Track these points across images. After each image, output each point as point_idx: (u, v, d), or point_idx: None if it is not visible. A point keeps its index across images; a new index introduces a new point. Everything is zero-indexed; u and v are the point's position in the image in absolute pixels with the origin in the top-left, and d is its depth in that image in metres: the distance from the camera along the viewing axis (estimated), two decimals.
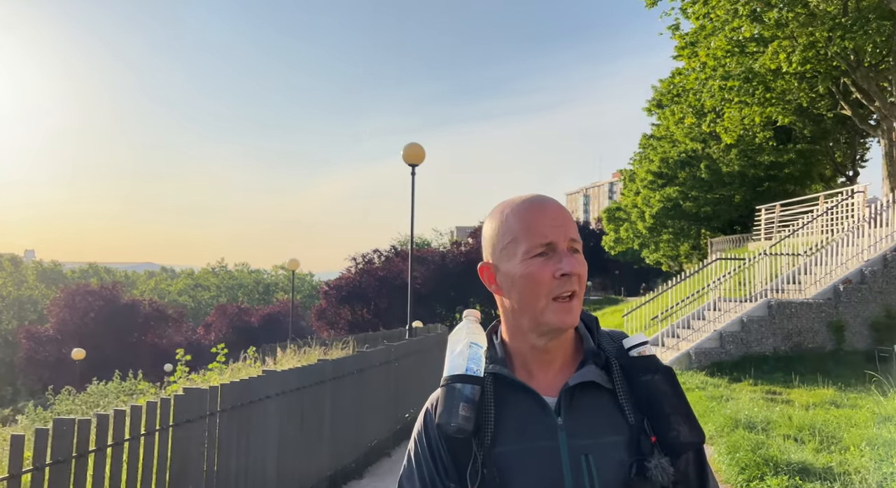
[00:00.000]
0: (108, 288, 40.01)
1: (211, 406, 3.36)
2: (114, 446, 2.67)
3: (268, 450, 3.91)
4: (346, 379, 5.20)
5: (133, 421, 2.79)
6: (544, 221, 1.07)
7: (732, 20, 17.17)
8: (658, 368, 1.08)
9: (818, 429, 5.86)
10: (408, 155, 10.60)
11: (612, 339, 1.14)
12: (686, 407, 1.06)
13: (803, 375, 9.44)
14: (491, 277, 1.12)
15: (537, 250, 1.05)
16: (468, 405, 1.04)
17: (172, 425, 3.02)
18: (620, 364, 1.09)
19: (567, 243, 1.06)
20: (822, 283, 11.43)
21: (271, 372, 4.06)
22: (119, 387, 15.95)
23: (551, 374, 1.09)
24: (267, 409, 3.92)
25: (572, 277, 1.04)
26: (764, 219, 20.37)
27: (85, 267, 79.04)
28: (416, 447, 1.12)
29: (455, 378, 1.06)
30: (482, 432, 1.05)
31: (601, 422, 1.05)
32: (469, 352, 1.08)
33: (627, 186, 35.81)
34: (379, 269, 39.44)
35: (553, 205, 1.10)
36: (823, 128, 25.85)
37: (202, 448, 3.25)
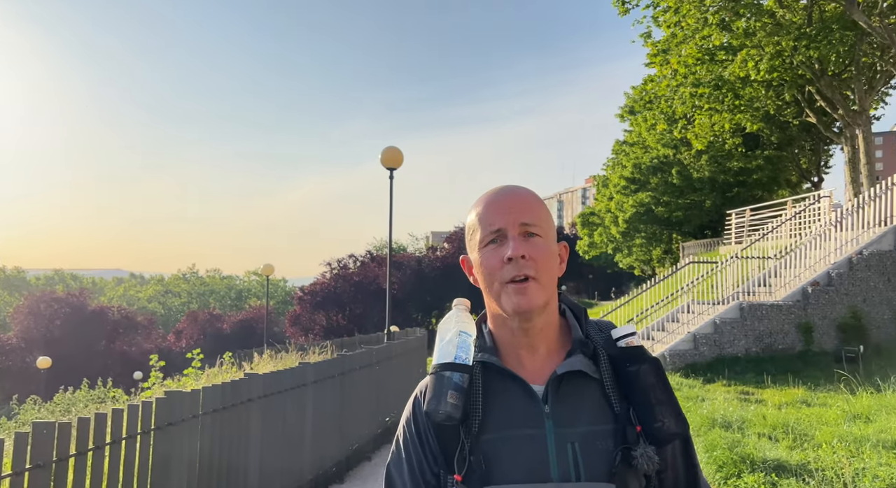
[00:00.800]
0: (75, 295, 39.03)
1: (193, 409, 3.30)
2: (95, 450, 2.61)
3: (250, 454, 3.86)
4: (327, 383, 5.15)
5: (115, 424, 2.72)
6: (495, 209, 1.09)
7: (702, 29, 17.57)
8: (645, 359, 1.08)
9: (791, 427, 6.00)
10: (386, 158, 10.58)
11: (601, 329, 1.15)
12: (671, 398, 1.07)
13: (774, 375, 9.67)
14: (470, 269, 1.15)
15: (489, 238, 1.08)
16: (456, 393, 1.04)
17: (154, 428, 2.96)
18: (608, 354, 1.10)
19: (518, 228, 1.07)
20: (790, 286, 11.71)
21: (254, 374, 4.01)
22: (88, 395, 15.55)
23: (539, 362, 1.10)
24: (249, 412, 3.87)
25: (520, 261, 1.04)
26: (734, 224, 20.81)
27: (50, 273, 77.00)
28: (404, 433, 1.12)
29: (444, 366, 1.07)
30: (470, 419, 1.06)
31: (588, 411, 1.06)
32: (458, 340, 1.09)
33: (601, 192, 36.26)
34: (354, 274, 39.21)
35: (509, 193, 1.11)
36: (789, 135, 26.58)
37: (184, 451, 3.19)
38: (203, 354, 9.11)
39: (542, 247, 1.07)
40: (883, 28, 15.42)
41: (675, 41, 18.84)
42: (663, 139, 29.29)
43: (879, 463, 4.73)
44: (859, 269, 11.37)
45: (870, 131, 18.31)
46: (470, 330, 1.12)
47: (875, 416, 6.25)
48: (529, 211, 1.09)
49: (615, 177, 32.82)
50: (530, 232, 1.07)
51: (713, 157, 27.84)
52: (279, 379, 4.29)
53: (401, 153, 10.69)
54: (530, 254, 1.05)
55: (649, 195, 30.16)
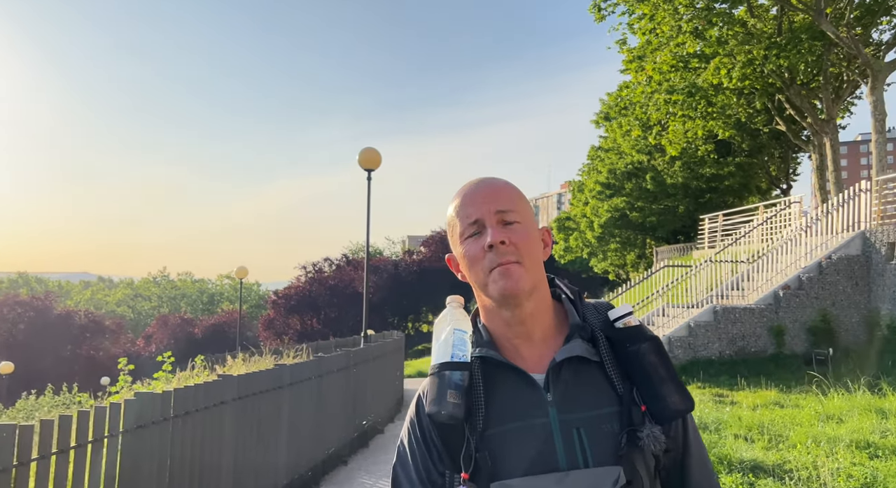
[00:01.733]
0: (40, 298, 37.96)
1: (164, 411, 3.18)
2: (59, 453, 2.48)
3: (224, 457, 3.73)
4: (304, 385, 5.04)
5: (80, 427, 2.60)
6: (470, 201, 1.08)
7: (677, 36, 17.85)
8: (645, 337, 1.07)
9: (766, 428, 6.06)
10: (364, 160, 10.48)
11: (598, 311, 1.13)
12: (674, 375, 1.06)
13: (747, 377, 9.80)
14: (456, 266, 1.13)
15: (469, 230, 1.08)
16: (456, 392, 1.03)
17: (123, 431, 2.83)
18: (606, 335, 1.09)
19: (494, 217, 1.06)
20: (763, 289, 11.90)
21: (228, 376, 3.89)
22: (52, 401, 15.08)
23: (536, 350, 1.08)
24: (223, 415, 3.74)
25: (500, 247, 1.04)
26: (707, 229, 21.14)
27: (14, 276, 74.82)
28: (408, 435, 1.11)
29: (442, 365, 1.05)
30: (474, 416, 1.04)
31: (591, 395, 1.04)
32: (454, 338, 1.08)
33: (576, 197, 36.57)
34: (329, 278, 38.87)
35: (483, 183, 1.11)
36: (760, 143, 27.14)
37: (155, 454, 3.06)
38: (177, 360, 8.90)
39: (521, 231, 1.06)
40: (850, 39, 15.84)
41: (650, 48, 19.12)
42: (638, 145, 29.66)
43: (853, 462, 4.79)
44: (828, 273, 11.61)
45: (837, 139, 18.79)
46: (465, 326, 1.11)
47: (847, 417, 6.35)
48: (504, 199, 1.08)
49: (590, 182, 33.13)
50: (507, 220, 1.07)
51: (686, 164, 28.29)
52: (254, 380, 4.17)
53: (378, 154, 10.60)
54: (510, 240, 1.05)
55: (624, 200, 30.50)
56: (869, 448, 5.16)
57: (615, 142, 32.04)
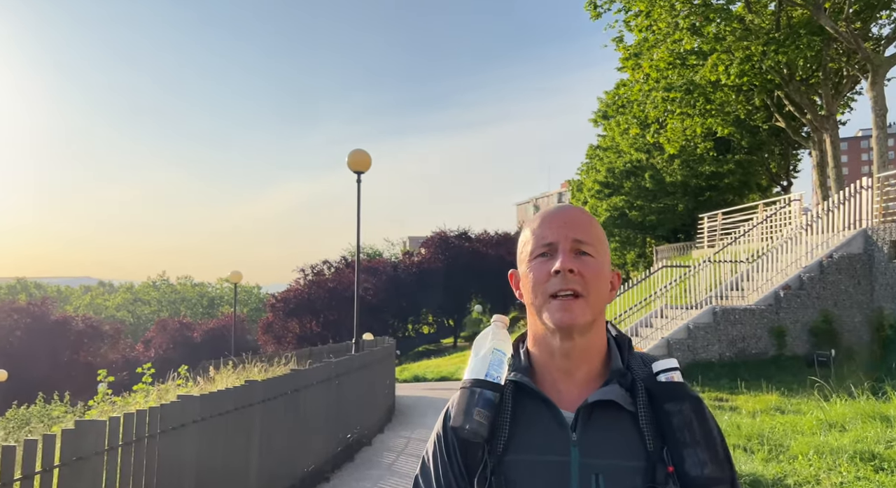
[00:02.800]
0: (37, 304, 37.75)
1: (111, 440, 2.94)
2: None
3: (183, 486, 3.49)
4: (278, 401, 4.80)
5: (5, 465, 2.36)
6: (549, 225, 1.08)
7: (674, 33, 17.60)
8: (686, 396, 1.04)
9: (766, 438, 5.82)
10: (353, 162, 10.25)
11: (644, 362, 1.11)
12: (711, 441, 1.02)
13: (748, 381, 9.54)
14: (517, 283, 1.13)
15: (539, 251, 1.07)
16: (484, 410, 1.03)
17: (59, 465, 2.60)
18: (647, 387, 1.06)
19: (569, 243, 1.05)
20: (763, 290, 11.65)
21: (187, 396, 3.65)
22: (42, 411, 14.84)
23: (574, 389, 1.07)
24: (182, 439, 3.50)
25: (568, 275, 1.02)
26: (707, 228, 20.88)
27: (12, 282, 74.70)
28: (434, 447, 1.11)
29: (475, 382, 1.06)
30: (496, 439, 1.04)
31: (618, 444, 1.02)
32: (492, 357, 1.08)
33: (575, 196, 36.32)
34: (329, 281, 38.62)
35: (565, 210, 1.11)
36: (759, 140, 26.87)
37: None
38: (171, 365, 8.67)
39: (592, 265, 1.05)
40: (849, 33, 15.58)
41: (647, 45, 18.87)
42: (636, 143, 29.41)
43: (857, 476, 4.55)
44: (830, 273, 11.36)
45: (837, 136, 18.53)
46: (505, 348, 1.10)
47: (850, 425, 6.10)
48: (584, 229, 1.07)
49: (589, 181, 32.89)
50: (582, 250, 1.06)
51: (685, 162, 28.03)
52: (219, 400, 3.93)
53: (368, 156, 10.36)
54: (580, 270, 1.03)
55: (623, 199, 30.25)
56: (874, 460, 4.91)
57: (613, 141, 31.79)
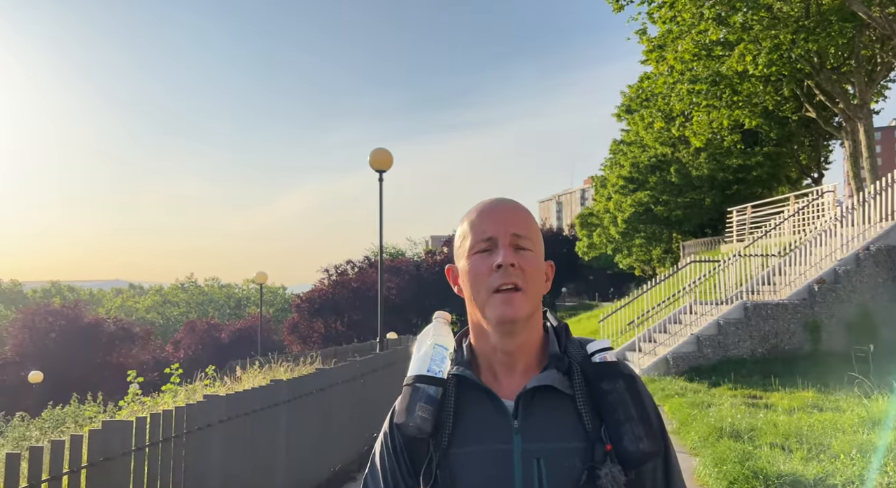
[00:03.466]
0: (70, 307, 38.57)
1: (138, 440, 2.93)
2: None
3: (211, 486, 3.47)
4: (304, 400, 4.77)
5: (33, 465, 2.35)
6: (488, 219, 1.08)
7: (699, 23, 17.24)
8: (619, 375, 1.06)
9: (805, 436, 5.61)
10: (374, 161, 10.23)
11: (581, 346, 1.12)
12: (646, 416, 1.04)
13: (782, 378, 9.27)
14: (455, 278, 1.14)
15: (479, 246, 1.07)
16: (427, 405, 1.04)
17: (86, 466, 2.59)
18: (583, 369, 1.08)
19: (509, 238, 1.06)
20: (796, 284, 11.34)
21: (213, 396, 3.63)
22: (77, 411, 15.13)
23: (515, 378, 1.08)
24: (208, 440, 3.48)
25: (509, 269, 1.04)
26: (735, 221, 20.45)
27: (47, 286, 76.61)
28: (381, 446, 1.12)
29: (417, 378, 1.07)
30: (440, 433, 1.05)
31: (558, 428, 1.04)
32: (433, 352, 1.09)
33: (599, 192, 35.91)
34: (352, 281, 38.81)
35: (502, 204, 1.11)
36: (789, 131, 26.24)
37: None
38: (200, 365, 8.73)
39: (531, 259, 1.07)
40: (883, 19, 15.09)
41: (671, 37, 18.52)
42: (661, 137, 28.95)
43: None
44: (867, 266, 11.00)
45: (871, 125, 17.96)
46: (446, 343, 1.11)
47: (894, 422, 5.86)
48: (522, 224, 1.09)
49: (613, 176, 32.49)
50: (521, 245, 1.07)
51: (712, 155, 27.51)
52: (244, 400, 3.91)
53: (390, 155, 10.33)
54: (520, 264, 1.05)
55: (648, 194, 29.82)
56: None
57: (637, 136, 31.35)
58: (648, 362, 11.03)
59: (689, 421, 6.90)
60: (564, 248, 44.74)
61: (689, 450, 6.09)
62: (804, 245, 11.84)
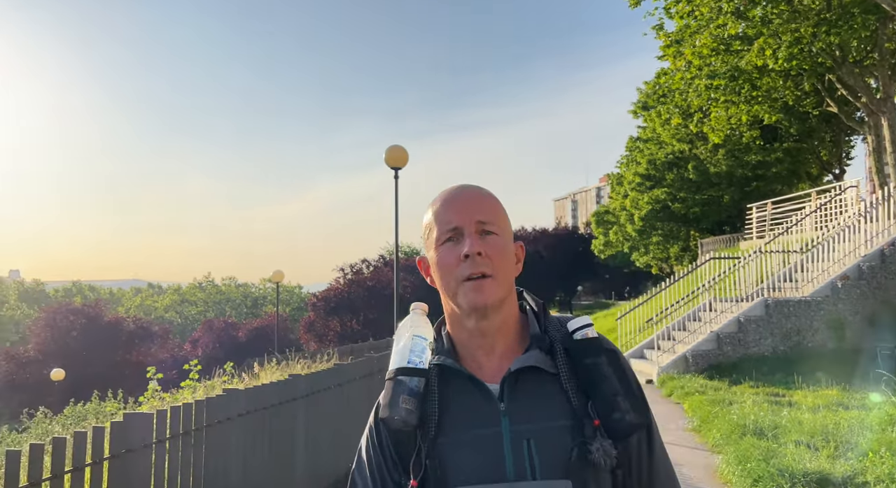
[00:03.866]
0: (91, 306, 39.13)
1: (159, 432, 2.93)
2: (28, 487, 2.24)
3: (230, 479, 3.48)
4: (322, 395, 4.76)
5: (56, 457, 2.35)
6: (451, 208, 1.08)
7: (717, 18, 17.01)
8: (601, 350, 1.07)
9: (831, 434, 5.50)
10: (390, 158, 10.22)
11: (561, 324, 1.13)
12: (630, 390, 1.05)
13: (805, 375, 9.11)
14: (427, 269, 1.14)
15: (445, 236, 1.07)
16: (411, 397, 1.04)
17: (108, 457, 2.59)
18: (565, 347, 1.08)
19: (474, 226, 1.06)
20: (818, 281, 11.15)
21: (233, 390, 3.63)
22: (98, 408, 15.34)
23: (496, 361, 1.09)
24: (228, 433, 3.48)
25: (476, 258, 1.04)
26: (755, 218, 20.17)
27: (69, 285, 77.78)
28: (366, 441, 1.12)
29: (398, 371, 1.06)
30: (427, 424, 1.04)
31: (544, 407, 1.04)
32: (412, 343, 1.09)
33: (615, 189, 35.64)
34: (368, 279, 38.92)
35: (466, 191, 1.11)
36: (809, 127, 25.82)
37: (148, 483, 2.81)
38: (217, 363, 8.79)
39: (498, 245, 1.07)
40: None
41: (689, 32, 18.30)
42: (678, 134, 28.65)
43: None
44: (892, 262, 10.78)
45: (895, 119, 17.61)
46: (425, 333, 1.11)
47: None
48: (486, 209, 1.09)
49: (629, 174, 32.22)
50: (487, 230, 1.07)
51: (730, 151, 27.15)
52: (264, 394, 3.91)
53: (405, 152, 10.31)
54: (486, 252, 1.05)
55: (665, 191, 29.52)
56: None
57: (654, 132, 31.05)
58: (667, 360, 10.91)
59: (710, 418, 6.80)
60: (580, 247, 44.47)
61: (711, 448, 6.00)
62: (827, 241, 11.64)
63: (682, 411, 7.94)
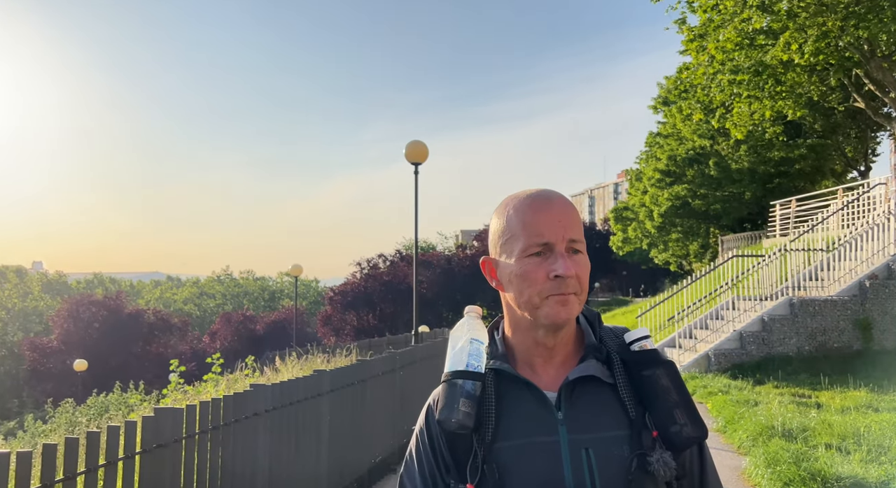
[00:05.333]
0: (112, 298, 39.69)
1: (188, 427, 2.93)
2: (64, 480, 2.24)
3: (257, 476, 3.48)
4: (345, 391, 4.76)
5: (90, 450, 2.36)
6: (543, 220, 1.05)
7: (741, 11, 16.69)
8: (659, 362, 1.07)
9: (863, 437, 5.38)
10: (410, 153, 10.19)
11: (615, 335, 1.13)
12: (687, 401, 1.05)
13: (831, 376, 8.95)
14: (493, 272, 1.12)
15: (533, 250, 1.05)
16: (469, 401, 1.03)
17: (140, 452, 2.59)
18: (622, 358, 1.09)
19: (565, 244, 1.05)
20: (845, 280, 10.93)
21: (260, 385, 3.63)
22: (119, 399, 15.58)
23: (553, 369, 1.09)
24: (256, 428, 3.48)
25: (567, 279, 1.03)
26: (779, 215, 19.86)
27: (90, 277, 78.98)
28: (417, 443, 1.11)
29: (456, 374, 1.06)
30: (483, 428, 1.04)
31: (602, 417, 1.05)
32: (470, 347, 1.08)
33: (634, 186, 35.31)
34: (384, 274, 39.02)
35: (556, 202, 1.08)
36: (834, 122, 25.33)
37: (177, 476, 2.82)
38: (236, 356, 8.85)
39: (584, 264, 1.07)
40: None
41: (713, 26, 18.00)
42: (699, 129, 28.27)
43: None
44: None
45: None
46: (482, 337, 1.11)
47: None
48: (576, 226, 1.08)
49: (649, 170, 31.88)
50: (576, 248, 1.06)
51: (753, 147, 26.72)
52: (290, 389, 3.90)
53: (425, 147, 10.28)
54: (577, 273, 1.04)
55: (685, 188, 29.18)
56: None
57: (675, 128, 30.67)
58: (689, 359, 10.77)
59: (735, 419, 6.70)
60: (598, 243, 44.16)
61: (738, 449, 5.90)
62: (854, 239, 11.41)
63: (706, 411, 7.84)
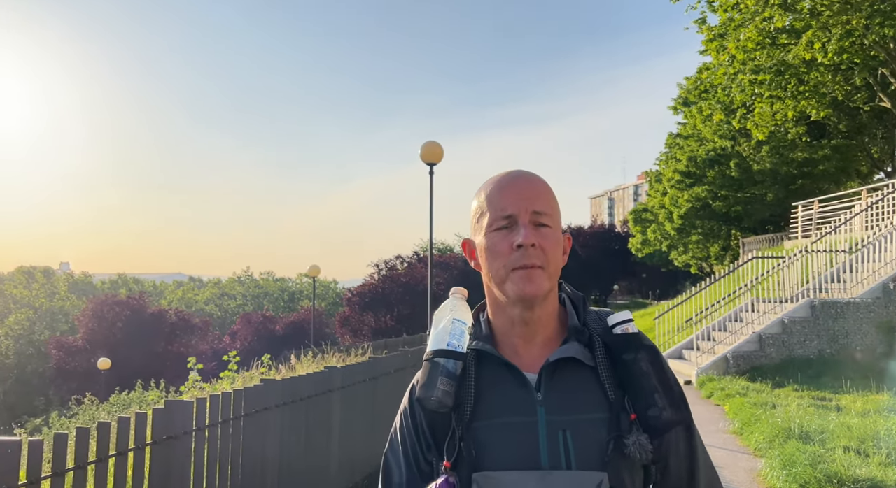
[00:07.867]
0: (135, 298, 40.34)
1: (199, 420, 2.98)
2: (75, 469, 2.30)
3: (267, 469, 3.52)
4: (357, 388, 4.79)
5: (101, 441, 2.42)
6: (507, 194, 1.07)
7: (763, 10, 16.49)
8: (640, 346, 1.07)
9: (882, 440, 5.28)
10: (425, 153, 10.22)
11: (600, 318, 1.13)
12: (668, 385, 1.04)
13: (853, 379, 8.79)
14: (472, 253, 1.14)
15: (499, 223, 1.07)
16: (448, 379, 1.04)
17: (151, 443, 2.65)
18: (604, 341, 1.09)
19: (528, 216, 1.06)
20: (868, 282, 10.73)
21: (271, 380, 3.67)
22: (141, 397, 15.86)
23: (535, 350, 1.09)
24: (266, 422, 3.53)
25: (530, 249, 1.04)
26: (801, 217, 19.55)
27: (115, 278, 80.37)
28: (401, 422, 1.12)
29: (436, 352, 1.07)
30: (462, 407, 1.05)
31: (581, 399, 1.05)
32: (452, 327, 1.09)
33: (654, 187, 35.00)
34: (402, 275, 39.13)
35: (521, 177, 1.10)
36: (859, 123, 24.86)
37: (187, 467, 2.87)
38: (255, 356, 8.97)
39: (551, 237, 1.07)
40: None
41: (733, 25, 17.81)
42: (720, 130, 27.94)
43: None
44: None
45: None
46: (465, 318, 1.11)
47: None
48: (542, 199, 1.08)
49: (669, 171, 31.57)
50: (541, 221, 1.07)
51: (775, 148, 26.33)
52: (300, 385, 3.94)
53: (440, 147, 10.31)
54: (540, 244, 1.05)
55: (706, 189, 28.84)
56: None
57: (695, 129, 30.36)
58: (707, 361, 10.65)
59: (752, 421, 6.61)
60: (616, 245, 43.80)
61: (754, 451, 5.83)
62: (878, 241, 11.19)
63: (723, 413, 7.74)
